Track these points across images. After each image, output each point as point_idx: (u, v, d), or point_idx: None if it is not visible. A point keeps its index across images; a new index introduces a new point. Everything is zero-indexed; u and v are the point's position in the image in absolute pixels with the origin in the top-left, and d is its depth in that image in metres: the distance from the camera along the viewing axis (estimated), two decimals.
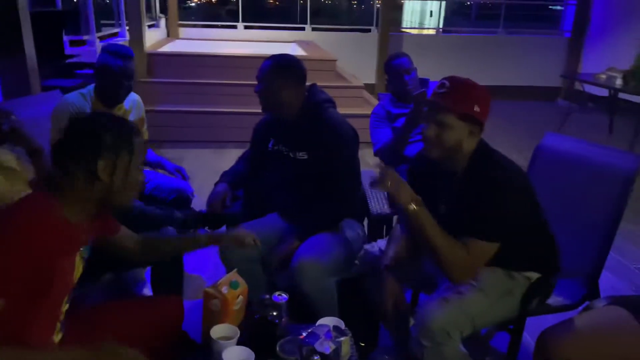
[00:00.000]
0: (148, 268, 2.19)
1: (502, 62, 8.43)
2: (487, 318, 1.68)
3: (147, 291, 2.38)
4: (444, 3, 11.71)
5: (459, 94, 1.62)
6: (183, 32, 8.86)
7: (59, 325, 1.39)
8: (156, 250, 1.69)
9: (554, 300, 1.86)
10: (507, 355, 1.81)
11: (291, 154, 2.10)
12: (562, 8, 9.45)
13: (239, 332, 1.51)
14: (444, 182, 1.74)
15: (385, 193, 2.13)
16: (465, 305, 1.61)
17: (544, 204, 1.81)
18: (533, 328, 1.82)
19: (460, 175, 1.69)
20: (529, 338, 2.10)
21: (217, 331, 1.50)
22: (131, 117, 2.47)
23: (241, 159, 2.33)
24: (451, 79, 1.65)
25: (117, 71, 2.26)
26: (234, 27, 8.99)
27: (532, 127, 6.45)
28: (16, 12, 2.84)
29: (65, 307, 1.40)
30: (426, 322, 1.58)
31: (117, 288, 2.32)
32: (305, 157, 2.06)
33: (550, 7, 11.04)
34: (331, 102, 2.12)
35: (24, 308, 1.24)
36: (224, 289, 1.58)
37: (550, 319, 1.83)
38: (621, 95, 6.09)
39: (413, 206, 1.59)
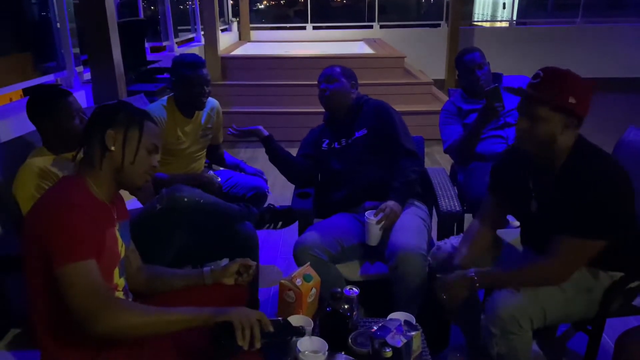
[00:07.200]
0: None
1: (582, 54, 7.98)
2: (560, 312, 1.63)
3: None
4: None
5: (553, 85, 1.55)
6: (254, 34, 9.14)
7: (121, 293, 1.45)
8: (160, 281, 1.62)
9: None
10: (584, 358, 1.75)
11: (350, 141, 2.33)
12: None
13: (312, 323, 1.57)
14: (537, 178, 1.68)
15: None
16: (539, 296, 1.58)
17: None
18: (614, 330, 1.75)
19: (558, 171, 1.63)
20: (608, 340, 2.03)
21: (292, 321, 1.56)
22: (210, 123, 2.61)
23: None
24: (545, 69, 1.58)
25: (195, 81, 2.37)
26: (303, 28, 9.16)
27: (616, 121, 6.07)
28: (106, 23, 3.06)
29: (121, 280, 1.45)
30: (496, 310, 1.56)
31: None
32: (365, 131, 2.31)
33: None
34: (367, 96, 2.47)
35: None
36: (298, 281, 1.65)
37: (633, 322, 1.75)
38: None
39: (475, 279, 1.64)
